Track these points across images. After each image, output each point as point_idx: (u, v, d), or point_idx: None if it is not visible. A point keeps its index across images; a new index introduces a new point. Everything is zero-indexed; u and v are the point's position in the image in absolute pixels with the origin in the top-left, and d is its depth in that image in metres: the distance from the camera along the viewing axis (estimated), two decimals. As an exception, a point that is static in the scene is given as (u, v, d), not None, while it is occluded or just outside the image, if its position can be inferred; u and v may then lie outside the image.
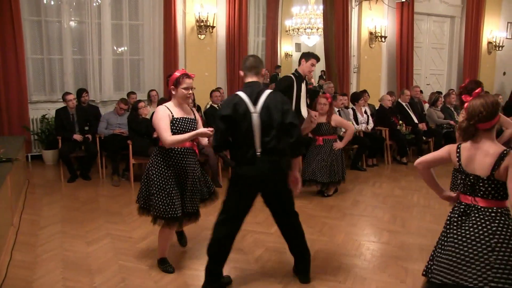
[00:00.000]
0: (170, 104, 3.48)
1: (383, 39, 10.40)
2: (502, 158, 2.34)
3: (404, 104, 8.51)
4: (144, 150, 6.23)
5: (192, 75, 3.48)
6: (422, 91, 9.84)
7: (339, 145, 5.89)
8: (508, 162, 2.32)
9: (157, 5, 8.53)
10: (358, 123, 7.86)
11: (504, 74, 12.73)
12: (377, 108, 8.72)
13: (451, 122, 8.44)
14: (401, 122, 8.23)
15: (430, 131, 8.45)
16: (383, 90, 10.59)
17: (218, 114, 3.24)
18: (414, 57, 11.11)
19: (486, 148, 2.42)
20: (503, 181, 2.35)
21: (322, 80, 11.12)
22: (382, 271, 3.73)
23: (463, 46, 11.75)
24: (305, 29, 10.61)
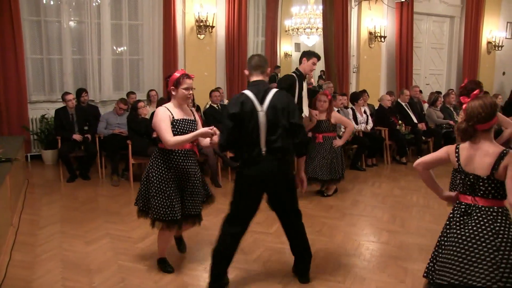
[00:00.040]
0: (170, 105, 3.43)
1: (383, 39, 10.40)
2: (501, 158, 2.37)
3: (403, 104, 8.51)
4: (143, 150, 6.24)
5: (191, 76, 3.45)
6: (421, 91, 9.85)
7: (339, 142, 5.90)
8: (507, 161, 2.35)
9: (156, 5, 8.52)
10: (357, 123, 7.86)
11: (503, 74, 12.74)
12: (376, 108, 8.73)
13: (451, 122, 8.45)
14: (400, 122, 8.23)
15: (429, 131, 8.46)
16: (383, 90, 10.59)
17: (226, 113, 3.22)
18: (414, 57, 11.10)
19: (485, 148, 2.44)
20: (503, 180, 2.38)
21: (322, 80, 11.12)
22: (381, 271, 3.73)
23: (463, 46, 11.75)
24: (304, 29, 10.60)
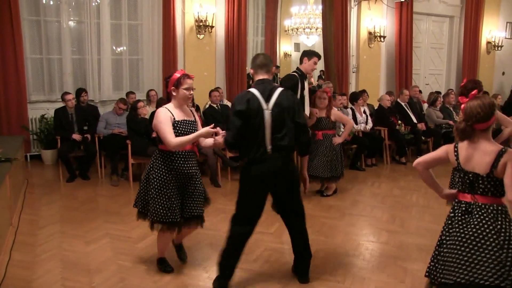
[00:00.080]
0: (170, 105, 3.39)
1: (382, 39, 10.39)
2: (500, 156, 2.41)
3: (403, 104, 8.51)
4: (143, 150, 6.24)
5: (191, 76, 3.42)
6: (421, 91, 9.85)
7: (338, 140, 5.93)
8: (506, 159, 2.39)
9: (156, 5, 8.52)
10: (357, 123, 7.86)
11: (503, 74, 12.74)
12: (376, 108, 8.74)
13: (450, 122, 8.45)
14: (400, 122, 8.23)
15: (429, 131, 8.46)
16: (382, 90, 10.59)
17: (232, 111, 3.22)
18: (413, 57, 11.10)
19: (484, 147, 2.47)
20: (501, 178, 2.41)
21: (321, 79, 11.12)
22: (381, 271, 3.74)
23: (462, 46, 11.75)
24: (304, 29, 10.60)
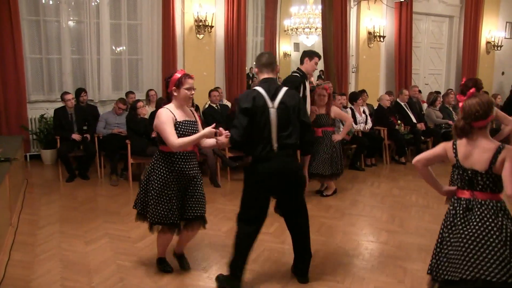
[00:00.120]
0: (171, 106, 3.34)
1: (382, 39, 10.40)
2: (499, 152, 2.45)
3: (402, 104, 8.51)
4: (142, 149, 6.24)
5: (192, 76, 3.39)
6: (420, 91, 9.85)
7: (338, 137, 5.94)
8: (504, 155, 2.44)
9: (155, 4, 8.52)
10: (356, 123, 7.86)
11: (502, 74, 12.75)
12: (375, 107, 8.74)
13: (450, 122, 8.45)
14: (399, 122, 8.23)
15: (428, 131, 8.46)
16: (382, 90, 10.59)
17: (238, 108, 3.22)
18: (413, 57, 11.10)
19: (482, 144, 2.52)
20: (499, 174, 2.45)
21: (321, 79, 11.12)
22: (380, 271, 3.74)
23: (462, 46, 11.76)
24: (303, 28, 10.60)
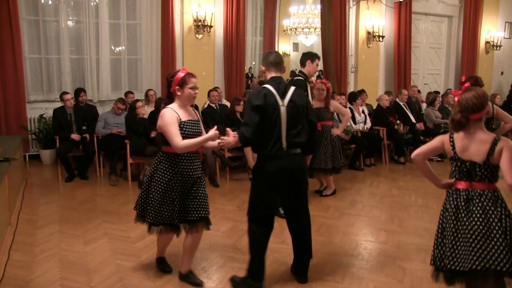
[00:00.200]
0: (175, 106, 3.26)
1: (381, 39, 10.40)
2: (495, 143, 2.55)
3: (401, 103, 8.52)
4: (141, 149, 6.24)
5: (195, 75, 3.33)
6: (419, 91, 9.86)
7: (337, 131, 5.95)
8: (501, 145, 2.53)
9: (154, 4, 8.52)
10: (355, 123, 7.86)
11: (502, 73, 12.76)
12: (374, 107, 8.74)
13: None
14: (398, 121, 8.23)
15: (427, 131, 8.47)
16: (381, 90, 10.60)
17: (249, 106, 3.19)
18: (412, 56, 11.12)
19: (479, 136, 2.60)
20: (496, 164, 2.56)
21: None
22: (379, 271, 3.74)
23: (461, 45, 11.77)
24: (302, 28, 10.60)
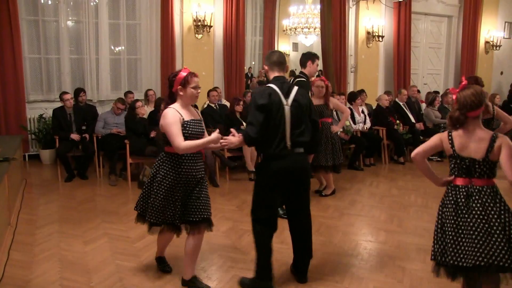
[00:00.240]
0: (177, 106, 3.22)
1: (381, 39, 10.41)
2: (494, 141, 2.60)
3: (401, 103, 8.53)
4: (141, 149, 6.24)
5: (197, 74, 3.29)
6: (419, 91, 9.87)
7: (336, 128, 5.97)
8: (500, 142, 2.59)
9: (154, 4, 8.52)
10: (355, 123, 7.86)
11: (501, 73, 12.77)
12: (374, 107, 8.74)
13: (448, 121, 8.45)
14: (398, 121, 8.24)
15: (427, 131, 8.47)
16: (381, 90, 10.60)
17: (254, 105, 3.18)
18: (412, 56, 11.12)
19: (478, 134, 2.64)
20: (495, 161, 2.61)
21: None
22: (379, 271, 3.74)
23: (461, 45, 11.78)
24: (302, 28, 10.61)
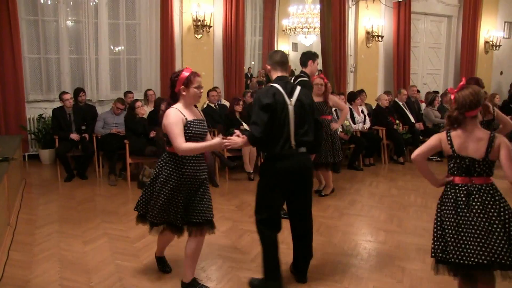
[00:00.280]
0: (179, 106, 3.18)
1: (380, 39, 10.41)
2: (492, 140, 2.63)
3: (401, 103, 8.53)
4: (141, 149, 6.24)
5: (199, 74, 3.27)
6: (419, 91, 9.87)
7: (336, 125, 5.99)
8: (498, 142, 2.63)
9: (154, 4, 8.52)
10: (355, 123, 7.86)
11: (501, 73, 12.78)
12: (374, 107, 8.74)
13: (448, 121, 8.45)
14: (398, 121, 8.24)
15: (427, 131, 8.47)
16: (380, 90, 10.60)
17: (259, 105, 3.17)
18: (411, 56, 11.13)
19: (476, 134, 2.67)
20: (494, 159, 2.64)
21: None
22: (379, 271, 3.74)
23: (460, 45, 11.78)
24: (302, 28, 10.62)
